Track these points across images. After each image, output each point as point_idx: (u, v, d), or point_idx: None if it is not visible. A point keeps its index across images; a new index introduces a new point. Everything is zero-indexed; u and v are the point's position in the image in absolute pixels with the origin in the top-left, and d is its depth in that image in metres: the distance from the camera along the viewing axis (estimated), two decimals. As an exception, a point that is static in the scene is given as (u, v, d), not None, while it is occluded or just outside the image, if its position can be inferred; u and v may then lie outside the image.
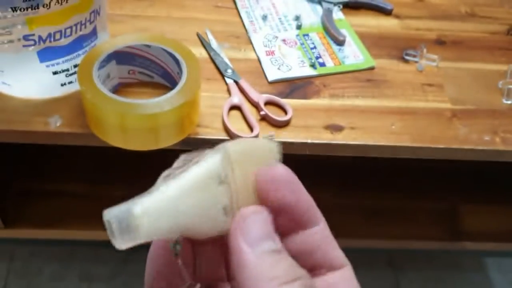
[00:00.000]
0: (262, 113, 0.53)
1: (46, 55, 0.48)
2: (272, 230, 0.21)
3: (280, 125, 0.53)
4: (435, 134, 0.54)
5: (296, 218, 0.22)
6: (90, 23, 0.50)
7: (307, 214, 0.23)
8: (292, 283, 0.20)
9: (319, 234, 0.23)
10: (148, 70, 0.53)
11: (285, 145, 0.52)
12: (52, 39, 0.47)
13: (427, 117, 0.56)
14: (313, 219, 0.23)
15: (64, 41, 0.48)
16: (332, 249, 0.23)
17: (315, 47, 0.62)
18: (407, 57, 0.63)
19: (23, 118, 0.50)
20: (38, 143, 0.51)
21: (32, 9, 0.44)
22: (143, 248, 0.24)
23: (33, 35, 0.46)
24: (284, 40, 0.63)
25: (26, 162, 0.75)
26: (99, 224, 0.79)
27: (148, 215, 0.21)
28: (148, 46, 0.51)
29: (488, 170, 0.81)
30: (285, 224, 0.22)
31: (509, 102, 0.59)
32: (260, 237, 0.21)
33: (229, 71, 0.57)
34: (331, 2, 0.68)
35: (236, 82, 0.56)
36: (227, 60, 0.59)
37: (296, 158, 0.60)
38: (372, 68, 0.61)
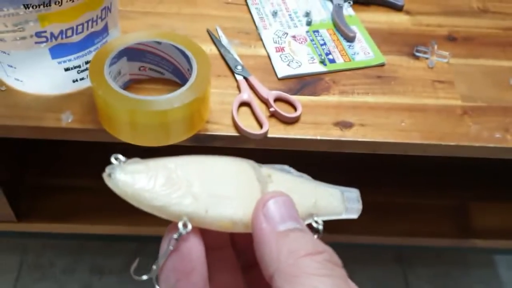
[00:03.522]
0: (271, 109, 0.53)
1: (58, 51, 0.49)
2: (294, 212, 0.22)
3: (290, 121, 0.53)
4: (445, 131, 0.54)
5: None
6: (102, 20, 0.50)
7: None
8: (313, 255, 0.20)
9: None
10: (159, 66, 0.54)
11: (294, 141, 0.52)
12: (64, 36, 0.48)
13: (437, 114, 0.56)
14: None
15: (75, 38, 0.49)
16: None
17: (325, 44, 0.62)
18: (417, 54, 0.62)
19: (35, 114, 0.51)
20: (49, 138, 0.51)
21: (44, 6, 0.45)
22: (154, 241, 0.24)
23: (45, 32, 0.47)
24: (294, 37, 0.63)
25: (38, 157, 0.75)
26: (111, 218, 0.80)
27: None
28: (159, 42, 0.51)
29: (499, 167, 0.81)
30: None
31: (520, 99, 0.58)
32: (282, 218, 0.21)
33: (239, 67, 0.57)
34: (341, -2, 0.68)
35: (245, 79, 0.56)
36: (237, 57, 0.59)
37: (306, 155, 0.60)
38: (382, 65, 0.61)
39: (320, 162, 0.70)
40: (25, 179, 0.73)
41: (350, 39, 0.63)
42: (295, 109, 0.54)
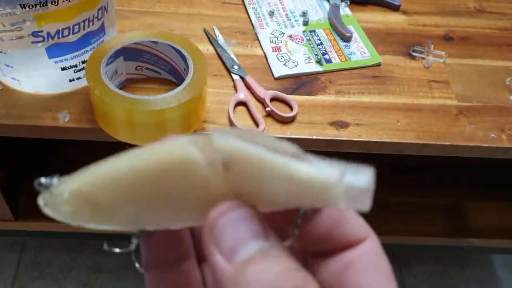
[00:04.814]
0: (267, 109, 0.53)
1: (54, 51, 0.49)
2: (255, 227, 0.17)
3: (286, 121, 0.53)
4: (441, 131, 0.54)
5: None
6: (98, 19, 0.50)
7: None
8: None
9: (328, 214, 0.19)
10: (155, 66, 0.54)
11: (290, 141, 0.52)
12: (60, 36, 0.48)
13: (433, 114, 0.56)
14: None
15: (72, 38, 0.49)
16: (345, 225, 0.19)
17: (321, 44, 0.62)
18: (414, 54, 0.63)
19: (32, 113, 0.51)
20: (47, 137, 0.52)
21: (40, 6, 0.45)
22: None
23: (42, 31, 0.47)
24: (290, 36, 0.63)
25: (36, 156, 0.76)
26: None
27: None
28: (155, 42, 0.51)
29: (495, 166, 0.81)
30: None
31: (516, 99, 0.59)
32: (238, 242, 0.16)
33: (236, 67, 0.57)
34: (338, -2, 0.68)
35: (242, 78, 0.56)
36: (233, 56, 0.59)
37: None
38: (378, 65, 0.61)
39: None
40: (23, 178, 0.73)
41: (347, 39, 0.63)
42: (291, 108, 0.54)
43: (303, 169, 0.17)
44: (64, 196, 0.19)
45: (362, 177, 0.17)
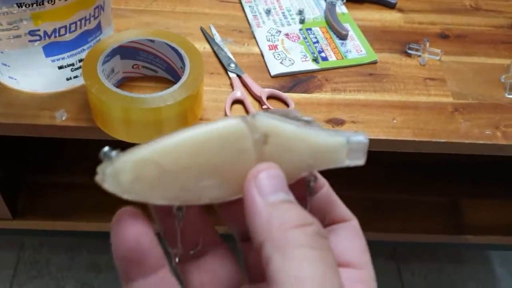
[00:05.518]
0: (264, 107, 0.53)
1: (51, 50, 0.49)
2: (284, 185, 0.22)
3: (282, 119, 0.53)
4: (436, 128, 0.55)
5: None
6: (95, 18, 0.50)
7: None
8: (303, 227, 0.20)
9: (323, 196, 0.25)
10: (152, 64, 0.54)
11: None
12: (57, 34, 0.48)
13: (429, 112, 0.56)
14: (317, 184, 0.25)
15: (69, 36, 0.49)
16: (335, 206, 0.25)
17: (317, 42, 0.63)
18: (410, 51, 0.63)
19: (29, 112, 0.51)
20: (44, 136, 0.52)
21: (37, 5, 0.45)
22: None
23: (39, 30, 0.47)
24: (287, 35, 0.63)
25: (35, 155, 0.76)
26: (107, 215, 0.80)
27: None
28: (152, 41, 0.51)
29: (491, 163, 0.81)
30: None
31: (511, 96, 0.59)
32: (273, 189, 0.21)
33: (232, 65, 0.58)
34: (334, -4, 0.69)
35: (239, 76, 0.57)
36: (230, 55, 0.59)
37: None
38: (374, 62, 0.61)
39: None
40: (21, 177, 0.73)
41: (343, 37, 0.63)
42: (287, 106, 0.54)
43: (321, 137, 0.23)
44: (127, 164, 0.21)
45: (361, 137, 0.24)
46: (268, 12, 0.66)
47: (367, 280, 0.23)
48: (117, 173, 0.21)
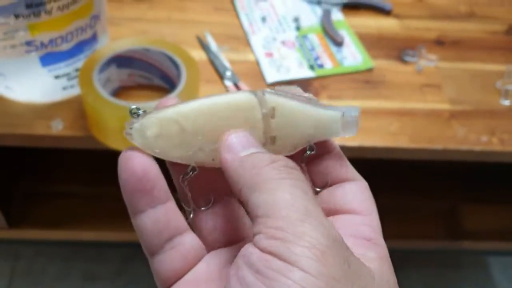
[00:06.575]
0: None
1: (48, 60, 0.49)
2: (254, 142, 0.23)
3: (279, 127, 0.53)
4: (433, 135, 0.55)
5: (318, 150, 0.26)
6: (91, 28, 0.50)
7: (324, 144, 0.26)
8: (271, 164, 0.22)
9: (335, 155, 0.26)
10: (148, 73, 0.54)
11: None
12: (54, 45, 0.48)
13: (425, 118, 0.57)
14: (327, 148, 0.26)
15: (65, 46, 0.49)
16: (342, 167, 0.26)
17: (313, 49, 0.63)
18: (406, 58, 0.63)
19: (25, 122, 0.51)
20: (40, 146, 0.51)
21: (34, 16, 0.45)
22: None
23: (35, 40, 0.47)
24: (283, 42, 0.63)
25: (30, 164, 0.75)
26: (102, 224, 0.79)
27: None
28: (148, 50, 0.51)
29: (488, 169, 0.81)
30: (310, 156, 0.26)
31: (506, 102, 0.59)
32: (242, 146, 0.23)
33: (228, 73, 0.58)
34: (330, 3, 0.69)
35: (235, 84, 0.57)
36: (226, 63, 0.59)
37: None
38: (370, 69, 0.61)
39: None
40: (17, 186, 0.73)
41: (339, 44, 0.63)
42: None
43: (320, 111, 0.26)
44: (153, 120, 0.23)
45: (354, 111, 0.26)
46: (263, 19, 0.66)
47: (372, 224, 0.24)
48: (143, 128, 0.23)
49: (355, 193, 0.26)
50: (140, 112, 0.24)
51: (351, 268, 0.20)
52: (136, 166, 0.22)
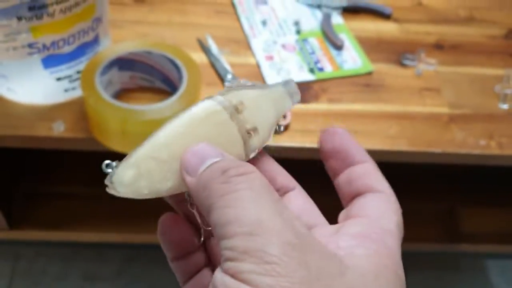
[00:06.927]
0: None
1: (50, 62, 0.50)
2: (210, 150, 0.23)
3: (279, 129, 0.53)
4: (432, 138, 0.55)
5: (348, 159, 0.27)
6: (93, 30, 0.51)
7: (357, 155, 0.27)
8: (222, 175, 0.21)
9: (363, 168, 0.26)
10: (149, 75, 0.54)
11: (283, 149, 0.53)
12: (56, 47, 0.49)
13: (424, 122, 0.57)
14: (361, 159, 0.27)
15: (67, 49, 0.50)
16: (373, 179, 0.26)
17: (313, 52, 0.63)
18: (405, 62, 0.63)
19: (27, 123, 0.51)
20: (41, 148, 0.52)
21: (36, 18, 0.45)
22: (146, 249, 0.25)
23: (37, 43, 0.47)
24: (283, 45, 0.64)
25: (30, 165, 0.76)
26: (102, 225, 0.80)
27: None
28: (149, 52, 0.52)
29: (487, 172, 0.82)
30: (338, 164, 0.27)
31: (505, 106, 0.59)
32: (200, 161, 0.22)
33: (229, 76, 0.58)
34: (330, 7, 0.69)
35: (236, 87, 0.57)
36: (227, 65, 0.60)
37: (295, 162, 0.61)
38: (370, 73, 0.62)
39: (310, 169, 0.71)
40: (17, 188, 0.73)
41: (339, 47, 0.64)
42: (284, 117, 0.55)
43: (272, 91, 0.27)
44: (128, 166, 0.23)
45: (290, 81, 0.28)
46: (264, 23, 0.67)
47: (378, 225, 0.24)
48: (121, 177, 0.23)
49: (374, 199, 0.25)
50: (114, 164, 0.23)
51: (310, 271, 0.19)
52: (175, 239, 0.26)
